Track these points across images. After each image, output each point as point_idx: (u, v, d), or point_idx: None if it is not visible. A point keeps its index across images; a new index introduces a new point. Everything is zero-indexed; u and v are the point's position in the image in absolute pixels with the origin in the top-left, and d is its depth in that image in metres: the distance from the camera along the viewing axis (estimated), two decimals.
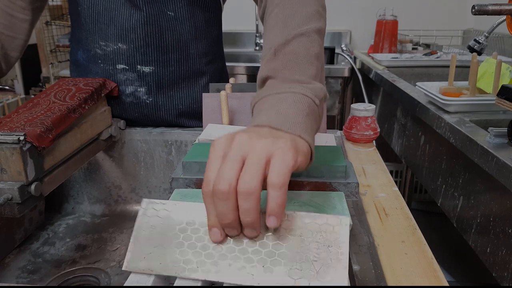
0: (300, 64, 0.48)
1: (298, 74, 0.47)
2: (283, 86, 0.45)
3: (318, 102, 0.44)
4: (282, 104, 0.42)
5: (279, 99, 0.43)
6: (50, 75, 2.37)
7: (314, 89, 0.45)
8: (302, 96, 0.43)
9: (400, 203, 0.54)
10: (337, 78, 1.69)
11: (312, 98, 0.44)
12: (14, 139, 0.50)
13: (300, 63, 0.48)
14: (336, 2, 2.17)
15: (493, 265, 0.75)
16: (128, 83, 0.80)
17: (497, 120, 0.92)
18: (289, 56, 0.49)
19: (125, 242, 0.74)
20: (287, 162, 0.34)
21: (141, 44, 0.77)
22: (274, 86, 0.46)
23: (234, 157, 0.34)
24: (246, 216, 0.33)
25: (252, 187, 0.33)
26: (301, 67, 0.48)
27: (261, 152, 0.34)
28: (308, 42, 0.51)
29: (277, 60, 0.49)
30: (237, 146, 0.35)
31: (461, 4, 2.07)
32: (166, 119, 0.84)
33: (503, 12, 0.80)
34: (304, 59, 0.49)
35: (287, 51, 0.50)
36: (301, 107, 0.42)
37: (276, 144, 0.35)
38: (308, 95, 0.44)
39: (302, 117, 0.41)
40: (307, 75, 0.47)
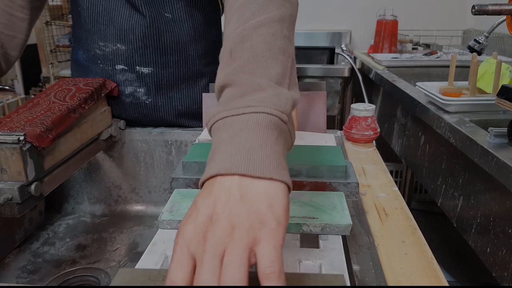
0: (260, 63, 0.40)
1: (259, 76, 0.39)
2: (241, 101, 0.37)
3: (286, 118, 0.37)
4: (243, 132, 0.35)
5: (239, 124, 0.35)
6: (50, 75, 2.37)
7: (279, 101, 0.37)
8: (265, 116, 0.35)
9: (400, 203, 0.54)
10: (337, 78, 1.69)
11: (278, 115, 0.36)
12: (14, 139, 0.50)
13: (260, 61, 0.40)
14: (336, 2, 2.17)
15: (493, 265, 0.75)
16: (127, 84, 0.80)
17: (497, 120, 0.92)
18: (247, 54, 0.41)
19: (125, 242, 0.74)
20: (277, 245, 0.30)
21: (139, 45, 0.77)
22: (230, 101, 0.38)
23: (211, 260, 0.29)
24: None
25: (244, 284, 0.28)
26: (262, 67, 0.40)
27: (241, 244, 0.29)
28: (269, 36, 0.42)
29: (233, 61, 0.42)
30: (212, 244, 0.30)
31: (461, 4, 2.07)
32: (165, 119, 0.84)
33: (503, 12, 0.80)
34: (265, 56, 0.41)
35: (245, 48, 0.42)
36: (266, 133, 0.35)
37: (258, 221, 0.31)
38: (272, 113, 0.36)
39: (270, 147, 0.34)
40: (270, 76, 0.39)
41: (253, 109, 0.36)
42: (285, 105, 0.37)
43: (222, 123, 0.37)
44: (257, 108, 0.36)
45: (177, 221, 0.41)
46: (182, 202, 0.44)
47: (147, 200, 0.83)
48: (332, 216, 0.41)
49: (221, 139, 0.36)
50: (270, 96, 0.37)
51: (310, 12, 2.17)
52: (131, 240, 0.75)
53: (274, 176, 0.33)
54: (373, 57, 1.74)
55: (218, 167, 0.34)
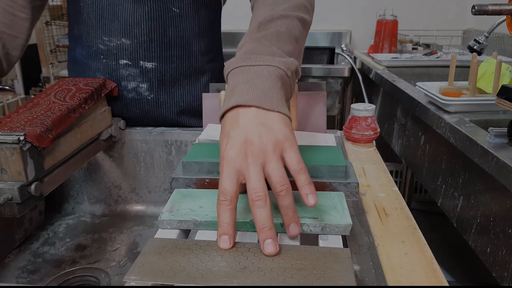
0: (280, 39, 0.52)
1: (276, 47, 0.50)
2: (257, 57, 0.48)
3: (290, 74, 0.48)
4: (258, 78, 0.45)
5: (255, 72, 0.46)
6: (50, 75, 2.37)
7: (287, 62, 0.48)
8: (275, 68, 0.47)
9: (400, 203, 0.54)
10: (337, 78, 1.69)
11: (284, 70, 0.47)
12: (14, 139, 0.50)
13: (280, 39, 0.52)
14: (336, 2, 2.17)
15: (493, 265, 0.75)
16: (130, 79, 0.80)
17: (497, 120, 0.92)
18: (272, 30, 0.53)
19: (125, 242, 0.74)
20: (296, 149, 0.41)
21: (144, 39, 0.77)
22: (248, 55, 0.49)
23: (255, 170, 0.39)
24: (289, 210, 0.38)
25: (288, 183, 0.39)
26: (280, 42, 0.52)
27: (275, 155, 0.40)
28: (291, 25, 0.55)
29: (259, 32, 0.53)
30: (253, 157, 0.39)
31: (461, 4, 2.07)
32: (166, 117, 0.84)
33: (503, 12, 0.80)
34: (284, 37, 0.53)
35: (271, 26, 0.54)
36: (275, 81, 0.46)
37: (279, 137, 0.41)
38: (281, 67, 0.47)
39: (277, 91, 0.45)
40: (284, 50, 0.51)
41: (266, 63, 0.47)
42: (291, 65, 0.48)
43: (240, 70, 0.47)
44: (270, 63, 0.47)
45: (177, 221, 0.41)
46: (182, 202, 0.44)
47: (147, 200, 0.83)
48: (332, 216, 0.41)
49: (238, 81, 0.46)
50: (280, 57, 0.49)
51: None
52: (131, 240, 0.75)
53: (281, 110, 0.44)
54: (373, 57, 1.74)
55: (239, 100, 0.44)
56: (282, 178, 0.39)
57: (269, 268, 0.34)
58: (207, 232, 0.41)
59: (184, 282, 0.33)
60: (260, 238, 0.37)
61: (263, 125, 0.42)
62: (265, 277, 0.33)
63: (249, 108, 0.43)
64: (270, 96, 0.44)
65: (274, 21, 0.54)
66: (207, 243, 0.38)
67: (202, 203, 0.44)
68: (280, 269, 0.34)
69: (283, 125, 0.42)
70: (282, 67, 0.47)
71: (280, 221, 0.40)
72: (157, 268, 0.35)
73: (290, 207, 0.39)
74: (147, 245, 0.38)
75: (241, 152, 0.40)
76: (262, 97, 0.44)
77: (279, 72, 0.47)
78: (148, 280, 0.33)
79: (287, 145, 0.41)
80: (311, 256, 0.36)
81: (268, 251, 0.36)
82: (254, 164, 0.39)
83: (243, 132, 0.41)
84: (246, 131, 0.41)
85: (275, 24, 0.54)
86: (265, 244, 0.36)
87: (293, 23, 0.55)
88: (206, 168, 0.48)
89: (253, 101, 0.43)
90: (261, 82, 0.45)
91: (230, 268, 0.35)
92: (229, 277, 0.33)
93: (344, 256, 0.36)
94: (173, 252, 0.37)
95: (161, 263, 0.35)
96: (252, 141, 0.40)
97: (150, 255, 0.36)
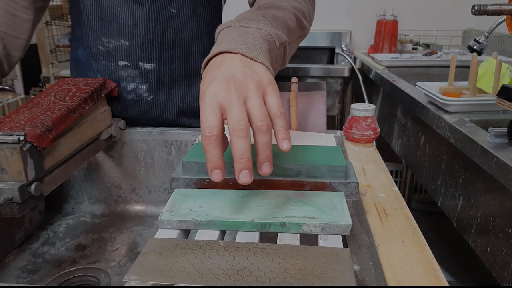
0: (275, 22, 0.54)
1: (271, 25, 0.52)
2: (252, 22, 0.50)
3: (278, 44, 0.50)
4: (248, 35, 0.47)
5: (246, 31, 0.48)
6: (50, 75, 2.37)
7: (277, 34, 0.50)
8: (265, 32, 0.49)
9: (400, 203, 0.54)
10: (337, 78, 1.69)
11: (274, 37, 0.49)
12: (14, 139, 0.50)
13: (275, 21, 0.54)
14: (336, 2, 2.17)
15: (493, 265, 0.75)
16: (129, 80, 0.80)
17: (497, 120, 0.92)
18: (270, 12, 0.55)
19: (125, 242, 0.74)
20: (278, 94, 0.42)
21: (143, 40, 0.77)
22: (244, 20, 0.51)
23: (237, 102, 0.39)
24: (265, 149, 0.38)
25: (268, 123, 0.39)
26: (275, 24, 0.53)
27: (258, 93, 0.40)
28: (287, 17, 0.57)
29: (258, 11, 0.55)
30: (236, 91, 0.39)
31: (461, 4, 2.07)
32: (166, 118, 0.84)
33: (503, 12, 0.80)
34: (279, 21, 0.55)
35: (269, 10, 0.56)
36: (263, 42, 0.48)
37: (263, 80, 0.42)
38: (271, 34, 0.49)
39: (264, 49, 0.47)
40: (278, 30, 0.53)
41: (258, 27, 0.49)
42: (280, 37, 0.51)
43: (233, 29, 0.49)
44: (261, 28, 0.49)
45: (177, 221, 0.41)
46: (182, 202, 0.44)
47: (147, 200, 0.83)
48: (332, 216, 0.41)
49: (228, 35, 0.47)
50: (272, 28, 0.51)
51: None
52: (131, 240, 0.75)
53: (265, 63, 0.45)
54: (373, 57, 1.74)
55: (226, 47, 0.45)
56: (264, 114, 0.39)
57: (269, 268, 0.34)
58: (207, 232, 0.41)
59: (184, 282, 0.33)
60: (237, 168, 0.37)
61: (247, 67, 0.43)
62: (265, 277, 0.33)
63: (235, 54, 0.44)
64: (257, 49, 0.46)
65: (273, 9, 0.57)
66: (207, 243, 0.38)
67: (202, 203, 0.44)
68: (280, 269, 0.34)
69: (267, 72, 0.44)
70: (272, 34, 0.49)
71: (280, 221, 0.40)
72: (157, 268, 0.35)
73: (267, 146, 0.39)
74: (147, 245, 0.38)
75: (223, 86, 0.40)
76: (249, 48, 0.45)
77: (268, 37, 0.49)
78: (148, 280, 0.33)
79: (269, 88, 0.42)
80: (311, 256, 0.36)
81: (243, 181, 0.37)
82: (237, 97, 0.39)
83: (226, 71, 0.42)
84: (229, 70, 0.42)
85: (273, 10, 0.56)
86: (240, 174, 0.37)
87: (290, 16, 0.58)
88: (206, 168, 0.48)
89: (240, 50, 0.44)
90: (250, 39, 0.47)
91: (230, 268, 0.35)
92: (229, 277, 0.33)
93: (344, 256, 0.36)
94: (173, 252, 0.37)
95: (161, 263, 0.35)
96: (235, 77, 0.41)
97: (150, 255, 0.36)
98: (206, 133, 0.38)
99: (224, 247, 0.37)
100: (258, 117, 0.39)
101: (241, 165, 0.37)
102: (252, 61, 0.44)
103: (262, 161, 0.39)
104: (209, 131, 0.38)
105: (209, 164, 0.38)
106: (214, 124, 0.38)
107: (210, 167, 0.38)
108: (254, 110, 0.39)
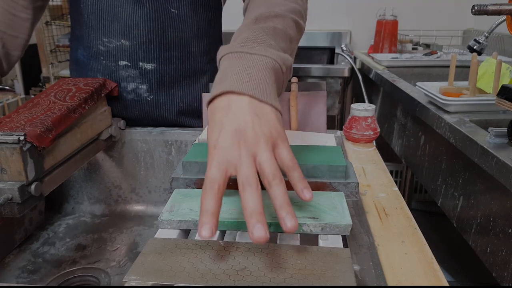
0: (276, 35, 0.51)
1: (273, 41, 0.50)
2: (256, 46, 0.47)
3: (284, 69, 0.48)
4: (254, 68, 0.44)
5: (251, 61, 0.45)
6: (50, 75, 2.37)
7: (283, 58, 0.48)
8: (272, 60, 0.46)
9: (400, 203, 0.54)
10: (337, 78, 1.69)
11: (280, 64, 0.47)
12: (14, 139, 0.50)
13: (276, 34, 0.51)
14: (336, 2, 2.17)
15: (493, 265, 0.75)
16: (129, 80, 0.80)
17: (497, 120, 0.92)
18: (269, 24, 0.52)
19: (125, 242, 0.74)
20: (288, 145, 0.41)
21: (143, 40, 0.77)
22: (247, 43, 0.48)
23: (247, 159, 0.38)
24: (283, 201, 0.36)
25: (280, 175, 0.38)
26: (276, 38, 0.51)
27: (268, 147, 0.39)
28: (287, 25, 0.55)
29: (257, 24, 0.52)
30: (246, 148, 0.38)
31: (461, 4, 2.07)
32: (166, 117, 0.84)
33: (503, 12, 0.80)
34: (280, 34, 0.52)
35: (268, 21, 0.53)
36: (270, 73, 0.45)
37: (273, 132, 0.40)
38: (277, 61, 0.47)
39: (271, 83, 0.45)
40: (280, 47, 0.50)
41: (263, 53, 0.46)
42: (286, 60, 0.48)
43: (235, 55, 0.46)
44: (266, 53, 0.46)
45: (177, 221, 0.41)
46: (182, 202, 0.44)
47: (147, 200, 0.83)
48: (332, 216, 0.41)
49: (232, 66, 0.45)
50: (277, 51, 0.48)
51: (310, 12, 2.15)
52: (131, 240, 0.75)
53: (273, 104, 0.43)
54: (373, 57, 1.74)
55: (232, 86, 0.42)
56: (275, 169, 0.38)
57: (269, 268, 0.35)
58: None
59: (184, 282, 0.33)
60: (249, 224, 0.34)
61: (256, 115, 0.41)
62: (265, 277, 0.33)
63: (242, 96, 0.42)
64: (264, 87, 0.43)
65: (271, 18, 0.54)
66: (207, 243, 0.38)
67: None
68: (280, 269, 0.34)
69: (276, 120, 0.42)
70: (279, 61, 0.47)
71: None
72: (157, 268, 0.35)
73: (284, 197, 0.36)
74: (147, 245, 0.38)
75: (234, 142, 0.39)
76: (256, 87, 0.43)
77: (275, 65, 0.46)
78: (148, 280, 0.33)
79: (279, 141, 0.40)
80: (311, 256, 0.36)
81: (257, 235, 0.33)
82: (246, 154, 0.38)
83: (235, 121, 0.40)
84: (239, 120, 0.40)
85: (272, 21, 0.53)
86: (254, 230, 0.33)
87: (290, 24, 0.55)
88: (206, 168, 0.48)
89: (247, 90, 0.42)
90: (256, 72, 0.44)
91: (230, 268, 0.35)
92: (229, 277, 0.33)
93: (344, 256, 0.36)
94: (173, 252, 0.37)
95: (161, 263, 0.35)
96: (246, 132, 0.39)
97: (150, 255, 0.36)
98: (208, 185, 0.37)
99: (224, 247, 0.37)
100: (269, 173, 0.37)
101: (253, 219, 0.34)
102: (260, 103, 0.42)
103: (283, 215, 0.35)
104: (211, 183, 0.37)
105: (201, 217, 0.35)
106: (218, 178, 0.37)
107: (202, 221, 0.35)
108: (265, 166, 0.38)
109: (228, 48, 0.48)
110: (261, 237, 0.33)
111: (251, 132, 0.39)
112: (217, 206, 0.36)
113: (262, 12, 0.54)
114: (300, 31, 0.59)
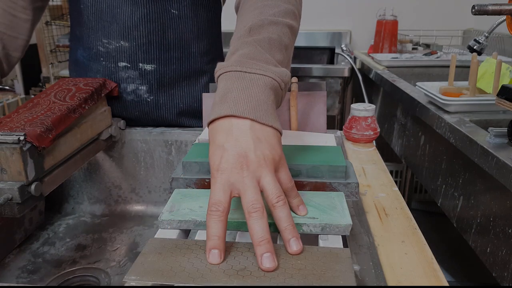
0: (272, 47, 0.50)
1: (269, 55, 0.49)
2: (253, 65, 0.46)
3: (283, 86, 0.48)
4: (253, 88, 0.44)
5: (250, 80, 0.45)
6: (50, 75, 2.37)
7: (281, 74, 0.47)
8: (270, 79, 0.46)
9: (400, 203, 0.54)
10: (337, 78, 1.69)
11: (278, 82, 0.47)
12: (14, 139, 0.50)
13: (272, 46, 0.51)
14: (336, 2, 2.17)
15: (493, 265, 0.75)
16: (129, 81, 0.80)
17: (497, 120, 0.92)
18: (264, 35, 0.51)
19: (125, 242, 0.74)
20: (286, 166, 0.42)
21: (143, 41, 0.77)
22: (244, 60, 0.47)
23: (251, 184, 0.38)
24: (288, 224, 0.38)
25: (284, 198, 0.39)
26: (272, 50, 0.50)
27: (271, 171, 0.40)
28: (281, 32, 0.53)
29: (251, 36, 0.51)
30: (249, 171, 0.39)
31: (461, 4, 2.07)
32: (166, 118, 0.84)
33: (503, 12, 0.80)
34: (276, 45, 0.51)
35: (262, 31, 0.52)
36: (269, 93, 0.45)
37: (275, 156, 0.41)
38: (276, 79, 0.46)
39: (270, 103, 0.45)
40: (276, 59, 0.50)
41: (262, 72, 0.46)
42: (284, 76, 0.48)
43: (234, 75, 0.46)
44: (265, 72, 0.46)
45: (177, 221, 0.41)
46: (182, 202, 0.44)
47: (147, 200, 0.83)
48: (332, 216, 0.41)
49: (232, 87, 0.44)
50: (274, 67, 0.48)
51: (310, 12, 2.17)
52: (131, 240, 0.75)
53: (274, 125, 0.43)
54: (373, 57, 1.74)
55: (233, 109, 0.42)
56: (279, 191, 0.39)
57: None
58: None
59: (184, 282, 0.33)
60: (258, 252, 0.35)
61: (258, 139, 0.41)
62: (265, 277, 0.33)
63: (243, 119, 0.42)
64: (264, 109, 0.43)
65: (265, 27, 0.53)
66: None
67: (202, 203, 0.44)
68: (280, 269, 0.34)
69: (276, 142, 0.42)
70: (277, 78, 0.46)
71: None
72: (157, 268, 0.35)
73: (288, 220, 0.38)
74: (147, 245, 0.38)
75: (236, 165, 0.39)
76: (256, 110, 0.43)
77: (274, 83, 0.46)
78: (148, 280, 0.33)
79: (280, 165, 0.41)
80: (311, 256, 0.36)
81: (266, 266, 0.34)
82: (250, 177, 0.39)
83: (238, 145, 0.40)
84: (241, 144, 0.40)
85: (266, 30, 0.52)
86: (263, 259, 0.35)
87: (284, 31, 0.54)
88: (206, 168, 0.49)
89: (248, 113, 0.42)
90: (256, 93, 0.44)
91: (230, 268, 0.35)
92: (229, 277, 0.33)
93: (344, 256, 0.36)
94: (173, 252, 0.37)
95: (161, 263, 0.35)
96: (248, 155, 0.40)
97: (150, 255, 0.36)
98: (212, 208, 0.37)
99: None
100: (274, 195, 0.38)
101: (262, 248, 0.35)
102: (261, 126, 0.42)
103: (287, 237, 0.37)
104: (216, 207, 0.37)
105: (209, 242, 0.36)
106: (222, 201, 0.37)
107: (209, 246, 0.36)
108: (269, 189, 0.39)
109: (226, 66, 0.47)
110: (271, 267, 0.34)
111: (253, 155, 0.40)
112: (223, 229, 0.37)
113: (255, 20, 0.53)
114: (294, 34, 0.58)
